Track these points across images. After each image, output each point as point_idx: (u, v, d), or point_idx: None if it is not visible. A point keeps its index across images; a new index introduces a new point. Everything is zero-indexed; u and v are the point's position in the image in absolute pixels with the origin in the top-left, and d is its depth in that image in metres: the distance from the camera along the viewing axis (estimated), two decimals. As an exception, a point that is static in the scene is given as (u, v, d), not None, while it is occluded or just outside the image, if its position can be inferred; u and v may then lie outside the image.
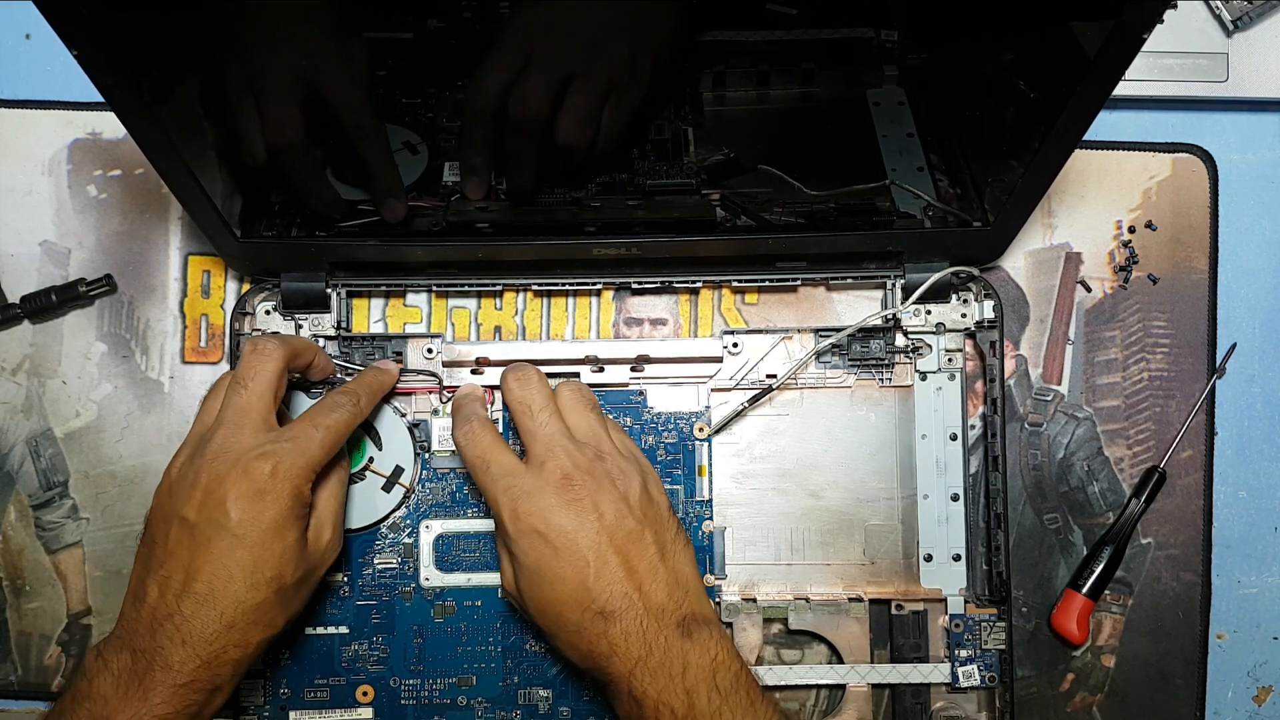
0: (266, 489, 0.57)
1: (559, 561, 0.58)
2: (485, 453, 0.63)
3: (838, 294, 0.72)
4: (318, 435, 0.60)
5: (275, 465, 0.57)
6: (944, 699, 0.69)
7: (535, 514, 0.59)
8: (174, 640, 0.55)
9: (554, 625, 0.59)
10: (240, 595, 0.56)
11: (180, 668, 0.55)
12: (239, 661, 0.57)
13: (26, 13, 0.72)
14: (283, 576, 0.58)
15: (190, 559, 0.56)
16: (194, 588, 0.56)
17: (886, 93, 0.69)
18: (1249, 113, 0.73)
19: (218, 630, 0.56)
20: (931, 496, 0.69)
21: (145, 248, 0.72)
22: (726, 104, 0.69)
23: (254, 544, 0.57)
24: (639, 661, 0.57)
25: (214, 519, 0.56)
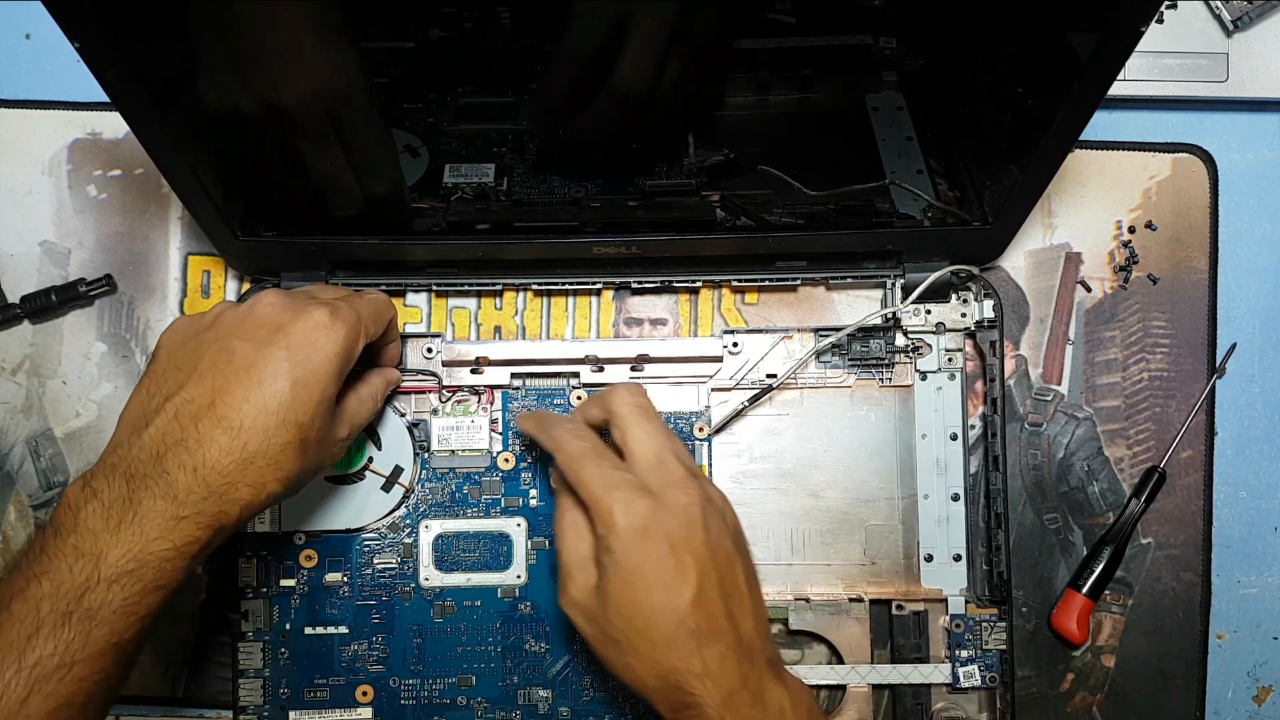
0: (319, 336, 0.55)
1: (664, 567, 0.55)
2: (595, 448, 0.60)
3: (837, 294, 0.72)
4: (361, 302, 0.60)
5: (331, 314, 0.56)
6: (945, 699, 0.69)
7: (649, 514, 0.56)
8: (183, 466, 0.52)
9: (638, 638, 0.55)
10: (268, 428, 0.53)
11: (185, 497, 0.51)
12: (249, 505, 0.53)
13: (26, 13, 0.73)
14: (311, 425, 0.55)
15: (224, 382, 0.53)
16: (219, 410, 0.53)
17: (885, 98, 0.69)
18: (1249, 113, 0.73)
19: (236, 461, 0.52)
20: (932, 496, 0.69)
21: (145, 248, 0.72)
22: (726, 109, 0.69)
23: (296, 381, 0.54)
24: (734, 692, 0.53)
25: (263, 353, 0.54)
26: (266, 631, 0.68)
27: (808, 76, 0.68)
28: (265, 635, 0.68)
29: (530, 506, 0.69)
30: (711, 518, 0.57)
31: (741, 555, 0.58)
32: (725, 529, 0.58)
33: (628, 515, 0.56)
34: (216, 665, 0.70)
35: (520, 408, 0.69)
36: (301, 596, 0.68)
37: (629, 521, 0.55)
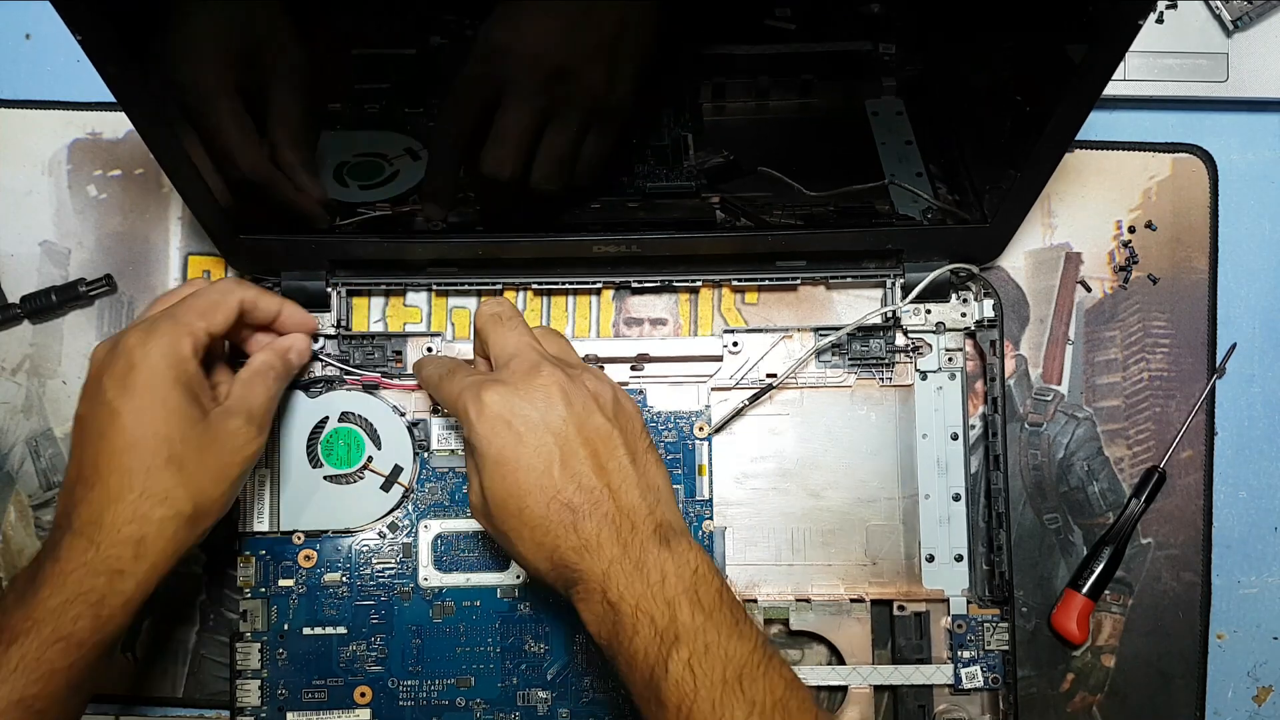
0: (135, 357, 0.56)
1: (524, 448, 0.55)
2: (449, 365, 0.62)
3: (837, 293, 0.72)
4: (186, 301, 0.59)
5: (141, 333, 0.57)
6: (947, 700, 0.68)
7: (500, 401, 0.56)
8: (64, 529, 0.55)
9: (518, 522, 0.56)
10: (124, 464, 0.55)
11: (66, 555, 0.54)
12: (139, 541, 0.55)
13: (26, 12, 0.73)
14: (170, 442, 0.56)
15: (80, 449, 0.56)
16: (82, 473, 0.55)
17: (885, 103, 0.69)
18: (1249, 113, 0.73)
19: (105, 504, 0.54)
20: (933, 496, 0.69)
21: (145, 248, 0.72)
22: (726, 114, 0.69)
23: (129, 410, 0.55)
24: (613, 561, 0.54)
25: (95, 402, 0.56)
26: (264, 632, 0.67)
27: (807, 81, 0.68)
28: (263, 635, 0.67)
29: (530, 506, 0.69)
30: (575, 396, 0.57)
31: (623, 429, 0.58)
32: (596, 406, 0.57)
33: (478, 408, 0.56)
34: (216, 665, 0.70)
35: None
36: (300, 596, 0.68)
37: (480, 413, 0.56)
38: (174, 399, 0.57)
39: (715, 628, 0.52)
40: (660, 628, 0.52)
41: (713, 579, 0.54)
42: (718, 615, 0.53)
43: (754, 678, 0.51)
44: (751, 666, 0.51)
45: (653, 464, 0.59)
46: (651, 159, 0.69)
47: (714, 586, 0.54)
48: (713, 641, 0.52)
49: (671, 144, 0.69)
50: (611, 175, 0.68)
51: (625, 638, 0.53)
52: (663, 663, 0.51)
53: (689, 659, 0.51)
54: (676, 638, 0.52)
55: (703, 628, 0.52)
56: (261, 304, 0.63)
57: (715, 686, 0.50)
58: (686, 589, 0.53)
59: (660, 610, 0.52)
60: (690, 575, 0.54)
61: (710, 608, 0.53)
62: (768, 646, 0.53)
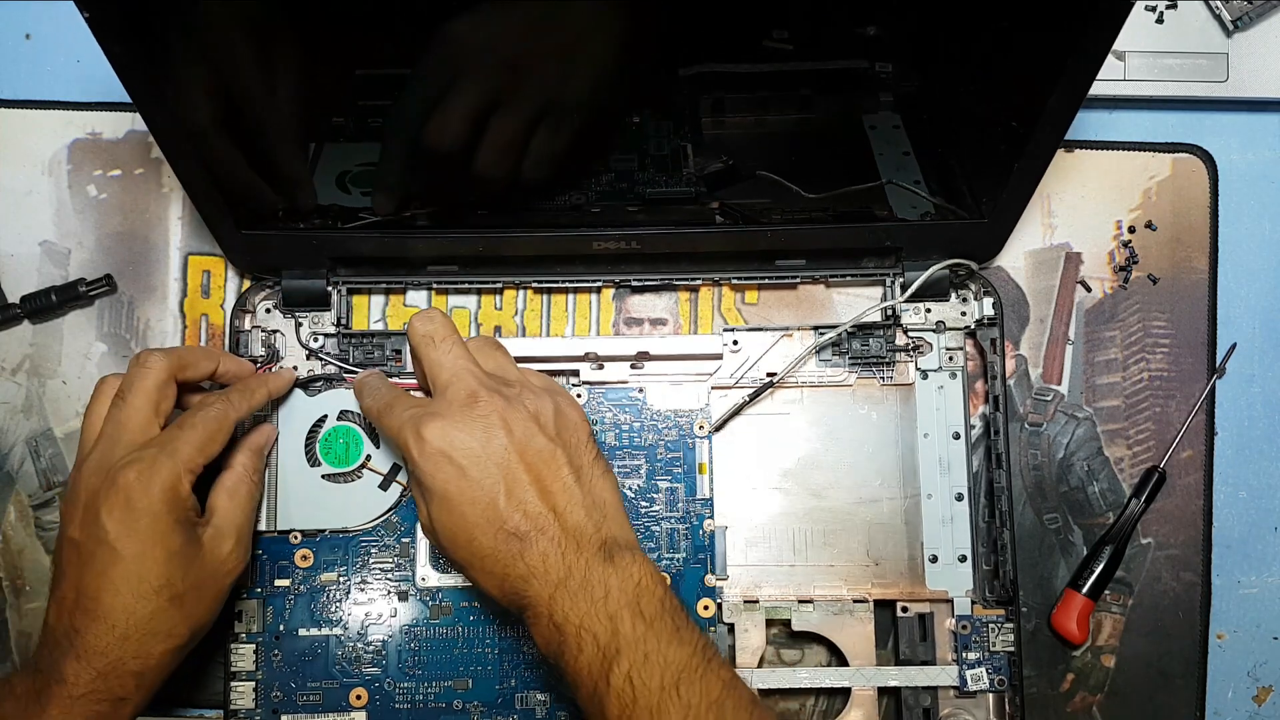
0: (136, 497, 0.57)
1: (467, 482, 0.56)
2: (387, 397, 0.62)
3: (837, 292, 0.72)
4: (184, 434, 0.59)
5: (141, 471, 0.57)
6: (951, 704, 0.68)
7: (440, 435, 0.57)
8: (68, 655, 0.56)
9: (468, 554, 0.57)
10: (129, 606, 0.56)
11: (74, 680, 0.55)
12: (141, 674, 0.57)
13: (26, 12, 0.73)
14: (172, 584, 0.57)
15: (79, 576, 0.57)
16: (83, 603, 0.56)
17: (882, 117, 0.69)
18: (1249, 113, 0.73)
19: (110, 642, 0.56)
20: (935, 496, 0.69)
21: (145, 248, 0.72)
22: (725, 128, 0.69)
23: (134, 555, 0.57)
24: (559, 585, 0.55)
25: (93, 535, 0.57)
26: (260, 632, 0.67)
27: (806, 97, 0.68)
28: (258, 636, 0.67)
29: (530, 506, 0.68)
30: (516, 421, 0.58)
31: (567, 445, 0.59)
32: (537, 427, 0.58)
33: (419, 445, 0.57)
34: (212, 665, 0.70)
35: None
36: (296, 596, 0.68)
37: (421, 450, 0.57)
38: (176, 541, 0.58)
39: (655, 636, 0.54)
40: (603, 643, 0.54)
41: (655, 589, 0.56)
42: (659, 624, 0.54)
43: (691, 681, 0.53)
44: (689, 671, 0.53)
45: (599, 476, 0.60)
46: (651, 167, 0.69)
47: (656, 596, 0.55)
48: (652, 650, 0.53)
49: (671, 154, 0.69)
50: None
51: (570, 656, 0.54)
52: (605, 677, 0.53)
53: (629, 670, 0.53)
54: (618, 651, 0.53)
55: (643, 637, 0.53)
56: (255, 402, 0.65)
57: (653, 694, 0.52)
58: (629, 602, 0.54)
59: (603, 626, 0.54)
60: (633, 588, 0.55)
61: (651, 617, 0.54)
62: (708, 650, 0.55)
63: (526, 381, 0.62)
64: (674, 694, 0.52)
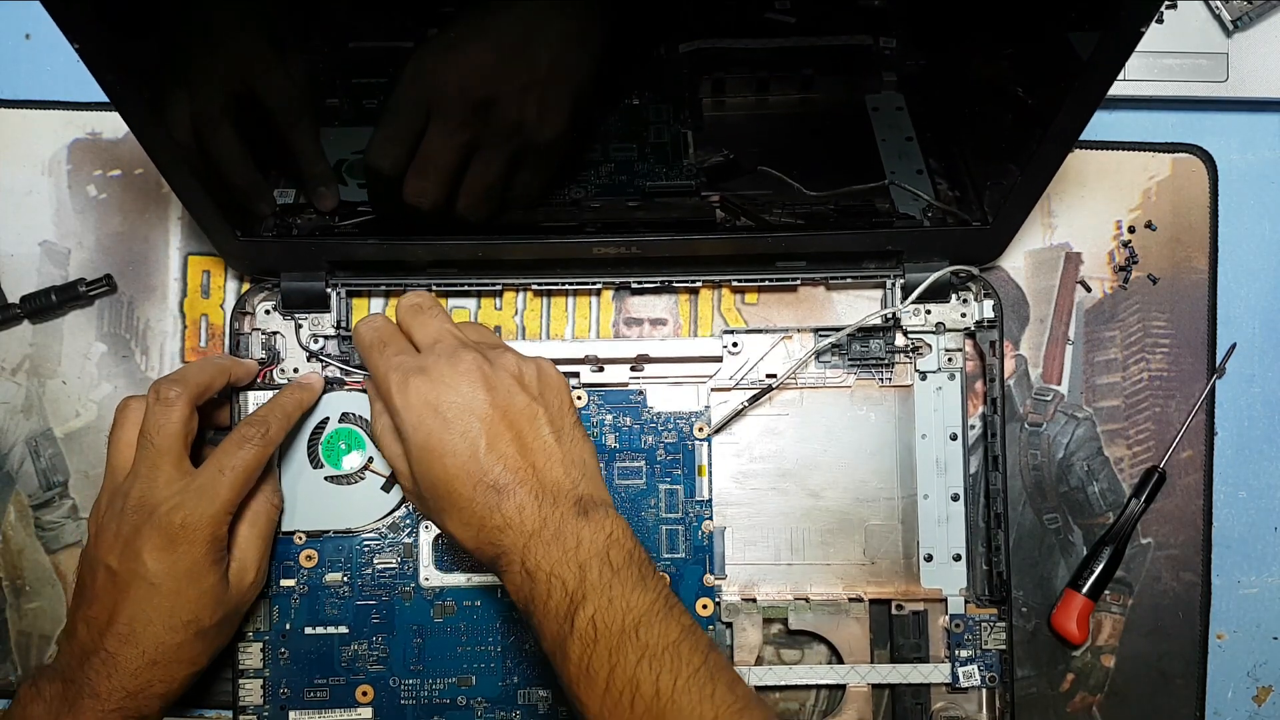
0: (179, 539, 0.59)
1: (449, 434, 0.58)
2: (385, 335, 0.64)
3: (837, 294, 0.72)
4: (225, 479, 0.61)
5: (185, 517, 0.59)
6: (944, 699, 0.69)
7: (425, 387, 0.59)
8: (101, 672, 0.59)
9: (446, 504, 0.59)
10: (160, 636, 0.59)
11: (108, 697, 0.58)
12: (165, 696, 0.61)
13: (26, 13, 0.72)
14: (200, 620, 0.60)
15: (113, 603, 0.59)
16: (116, 628, 0.59)
17: (885, 98, 0.69)
18: (1249, 113, 0.73)
19: (141, 665, 0.59)
20: (932, 496, 0.69)
21: (145, 248, 0.72)
22: (726, 109, 0.69)
23: (170, 591, 0.59)
24: (533, 535, 0.56)
25: (132, 569, 0.59)
26: (266, 631, 0.68)
27: (808, 76, 0.68)
28: (265, 635, 0.68)
29: (530, 506, 0.69)
30: (498, 378, 0.60)
31: (548, 405, 0.61)
32: (519, 386, 0.60)
33: (404, 396, 0.59)
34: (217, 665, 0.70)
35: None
36: (302, 596, 0.68)
37: (405, 401, 0.59)
38: (209, 580, 0.61)
39: (620, 583, 0.55)
40: (570, 589, 0.55)
41: (625, 542, 0.57)
42: (624, 572, 0.56)
43: (650, 624, 0.54)
44: (651, 615, 0.54)
45: (579, 439, 0.61)
46: (651, 157, 0.69)
47: (625, 549, 0.57)
48: (616, 595, 0.55)
49: (671, 141, 0.69)
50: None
51: (540, 601, 0.56)
52: (570, 619, 0.54)
53: (593, 614, 0.54)
54: (584, 596, 0.55)
55: (609, 584, 0.55)
56: (290, 422, 0.66)
57: (614, 636, 0.54)
58: (599, 552, 0.56)
59: (572, 573, 0.55)
60: (604, 540, 0.57)
61: (619, 566, 0.56)
62: (670, 598, 0.56)
63: (507, 347, 0.64)
64: (633, 636, 0.54)
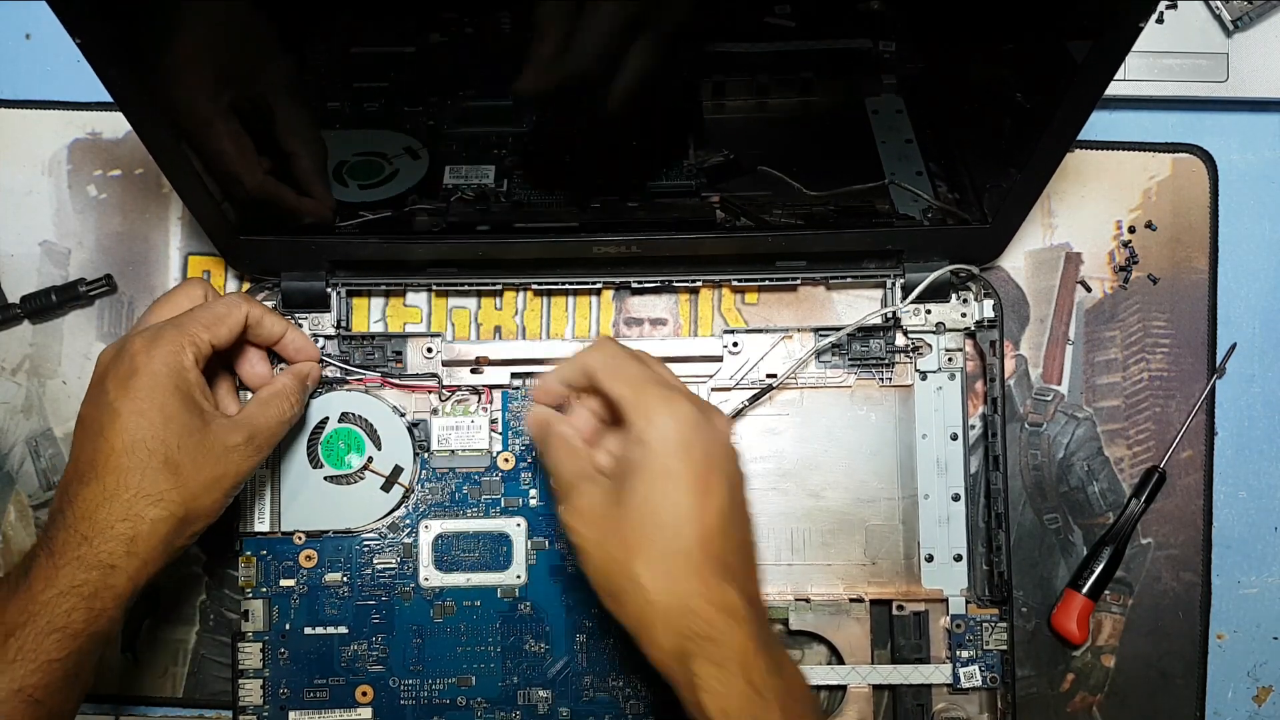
0: (139, 361, 0.57)
1: (699, 478, 0.53)
2: (631, 353, 0.58)
3: (837, 293, 0.72)
4: (195, 313, 0.60)
5: (146, 339, 0.58)
6: (945, 700, 0.69)
7: (690, 419, 0.53)
8: (58, 527, 0.55)
9: (659, 545, 0.52)
10: (121, 464, 0.56)
11: (60, 550, 0.55)
12: (132, 539, 0.55)
13: (26, 13, 0.73)
14: (166, 447, 0.57)
15: (79, 447, 0.57)
16: (79, 470, 0.56)
17: (885, 101, 0.69)
18: (1249, 113, 0.73)
19: (99, 501, 0.55)
20: (932, 496, 0.69)
21: (145, 248, 0.72)
22: (726, 112, 0.69)
23: (129, 412, 0.56)
24: (754, 648, 0.51)
25: (96, 402, 0.57)
26: (266, 631, 0.68)
27: (807, 79, 0.68)
28: (265, 635, 0.68)
29: (530, 506, 0.69)
30: (736, 461, 0.56)
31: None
32: (741, 480, 0.56)
33: (672, 415, 0.54)
34: (216, 665, 0.70)
35: (520, 408, 0.69)
36: (301, 596, 0.68)
37: (669, 423, 0.53)
38: (173, 405, 0.57)
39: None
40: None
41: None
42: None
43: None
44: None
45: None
46: (651, 157, 0.69)
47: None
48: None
49: (671, 143, 0.69)
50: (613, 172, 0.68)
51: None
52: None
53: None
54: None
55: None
56: (266, 323, 0.64)
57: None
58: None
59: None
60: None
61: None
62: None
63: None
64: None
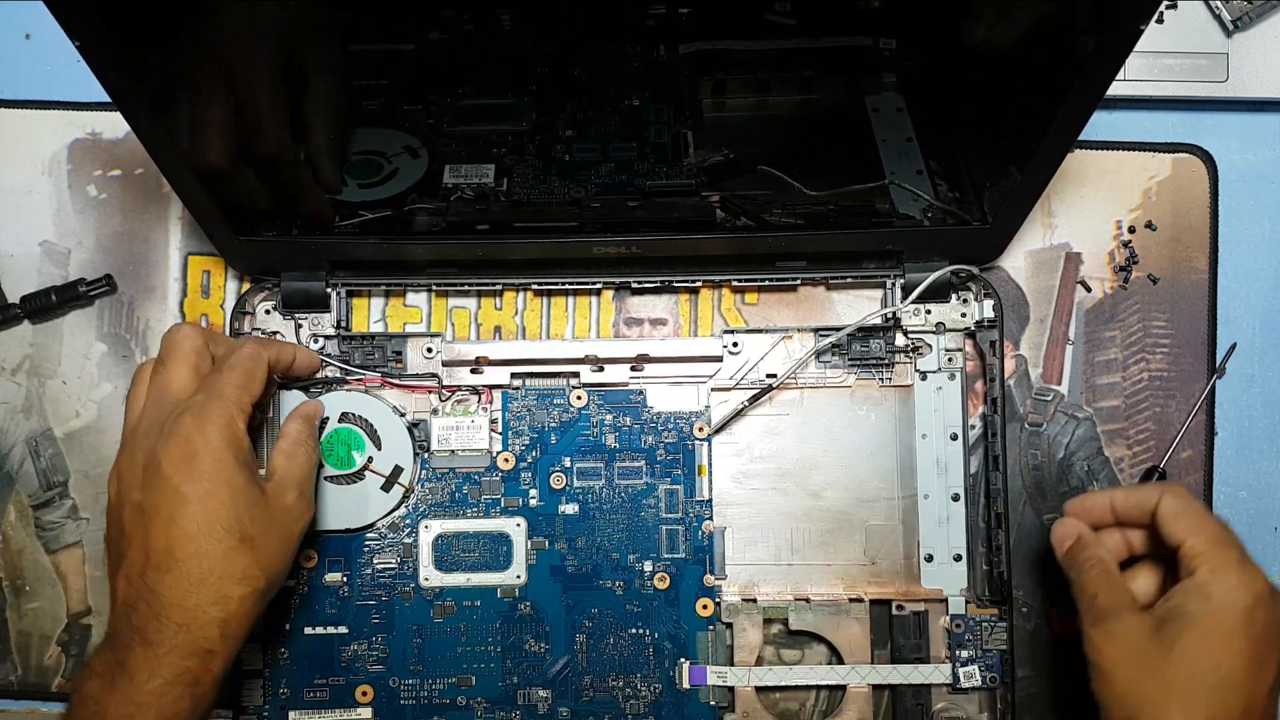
0: (196, 442, 0.56)
1: (1256, 647, 0.56)
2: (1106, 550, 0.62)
3: (837, 294, 0.72)
4: (225, 377, 0.59)
5: (195, 415, 0.57)
6: (945, 700, 0.69)
7: (1262, 590, 0.57)
8: (146, 616, 0.55)
9: (1203, 698, 0.55)
10: (201, 550, 0.55)
11: (157, 639, 0.54)
12: (225, 621, 0.56)
13: (26, 13, 0.72)
14: (240, 523, 0.56)
15: (146, 535, 0.56)
16: (154, 558, 0.55)
17: (885, 99, 0.69)
18: (1249, 113, 0.73)
19: (187, 588, 0.55)
20: (932, 496, 0.69)
21: (145, 248, 0.72)
22: (726, 110, 0.69)
23: (198, 495, 0.56)
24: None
25: (156, 487, 0.56)
26: (266, 632, 0.68)
27: (808, 78, 0.68)
28: (265, 635, 0.68)
29: (530, 506, 0.69)
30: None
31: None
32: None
33: (1246, 579, 0.57)
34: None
35: (521, 408, 0.69)
36: (301, 597, 0.68)
37: (1243, 585, 0.56)
38: (239, 479, 0.57)
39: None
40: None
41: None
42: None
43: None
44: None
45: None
46: (651, 156, 0.69)
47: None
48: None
49: (671, 141, 0.69)
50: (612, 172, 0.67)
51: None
52: None
53: None
54: None
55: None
56: (282, 357, 0.65)
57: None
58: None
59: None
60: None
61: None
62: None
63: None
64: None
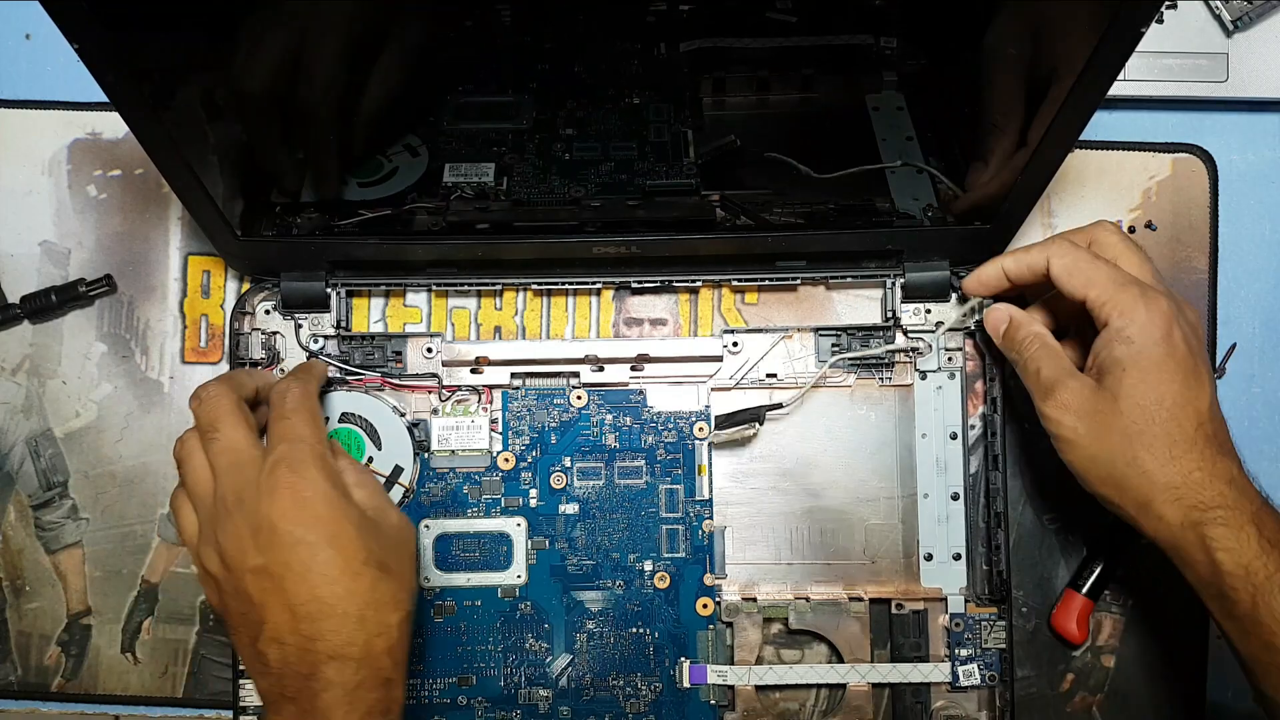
0: (302, 490, 0.55)
1: (1186, 365, 0.58)
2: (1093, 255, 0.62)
3: (837, 293, 0.72)
4: (292, 423, 0.58)
5: (289, 465, 0.56)
6: (944, 698, 0.69)
7: (1169, 312, 0.58)
8: (319, 663, 0.54)
9: (1157, 431, 0.57)
10: (350, 588, 0.54)
11: (340, 680, 0.53)
12: (391, 649, 0.55)
13: (26, 13, 0.73)
14: (374, 553, 0.56)
15: (283, 596, 0.54)
16: (301, 611, 0.54)
17: (885, 97, 0.69)
18: (1249, 113, 0.73)
19: (350, 630, 0.54)
20: (932, 496, 0.69)
21: (145, 248, 0.72)
22: (726, 109, 0.69)
23: (327, 539, 0.55)
24: (1257, 528, 0.56)
25: (277, 545, 0.54)
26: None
27: (808, 76, 0.68)
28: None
29: (530, 506, 0.69)
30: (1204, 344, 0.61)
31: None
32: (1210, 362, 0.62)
33: (1152, 310, 0.58)
34: (216, 665, 0.70)
35: (521, 408, 0.69)
36: (301, 596, 0.68)
37: (1152, 317, 0.58)
38: (354, 513, 0.56)
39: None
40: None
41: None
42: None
43: None
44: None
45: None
46: (651, 155, 0.69)
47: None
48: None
49: (671, 140, 0.69)
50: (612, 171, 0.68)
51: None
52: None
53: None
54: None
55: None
56: (319, 381, 0.65)
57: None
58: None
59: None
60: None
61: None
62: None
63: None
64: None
